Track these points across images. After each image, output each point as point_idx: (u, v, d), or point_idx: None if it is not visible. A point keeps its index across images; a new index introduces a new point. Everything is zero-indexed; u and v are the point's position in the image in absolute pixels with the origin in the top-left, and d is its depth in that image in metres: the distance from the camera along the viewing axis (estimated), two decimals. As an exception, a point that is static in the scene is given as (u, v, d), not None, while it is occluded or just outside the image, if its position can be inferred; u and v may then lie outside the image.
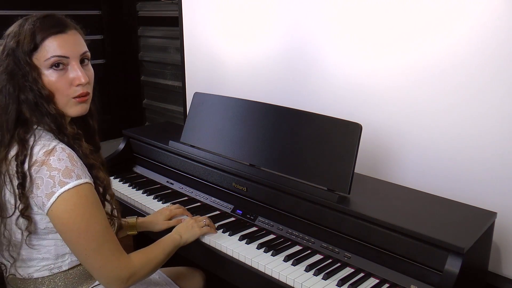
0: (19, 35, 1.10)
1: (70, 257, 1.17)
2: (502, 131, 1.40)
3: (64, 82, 1.11)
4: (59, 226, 1.09)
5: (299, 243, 1.43)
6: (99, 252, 1.10)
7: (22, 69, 1.09)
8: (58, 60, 1.10)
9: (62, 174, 1.05)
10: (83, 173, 1.09)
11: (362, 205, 1.34)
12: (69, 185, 1.05)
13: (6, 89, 1.10)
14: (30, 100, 1.09)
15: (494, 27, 1.38)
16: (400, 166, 1.66)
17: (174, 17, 2.70)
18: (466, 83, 1.46)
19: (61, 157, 1.06)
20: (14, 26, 1.13)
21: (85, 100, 1.16)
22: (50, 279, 1.17)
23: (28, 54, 1.09)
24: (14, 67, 1.09)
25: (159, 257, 1.25)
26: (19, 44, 1.09)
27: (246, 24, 2.11)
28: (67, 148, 1.09)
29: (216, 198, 1.71)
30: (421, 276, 1.21)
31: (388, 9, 1.60)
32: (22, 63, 1.09)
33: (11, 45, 1.10)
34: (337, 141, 1.40)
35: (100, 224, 1.11)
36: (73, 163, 1.08)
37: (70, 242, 1.10)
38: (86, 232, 1.08)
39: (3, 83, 1.10)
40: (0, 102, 1.11)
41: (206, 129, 1.76)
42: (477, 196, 1.45)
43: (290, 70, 1.96)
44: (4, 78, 1.10)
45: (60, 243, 1.14)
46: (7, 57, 1.10)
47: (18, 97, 1.10)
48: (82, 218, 1.07)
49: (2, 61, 1.11)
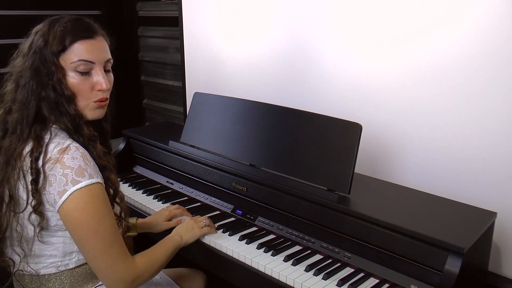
0: (48, 35, 1.12)
1: (78, 256, 1.17)
2: (502, 131, 1.40)
3: (86, 86, 1.14)
4: (69, 224, 1.09)
5: (299, 243, 1.43)
6: (107, 252, 1.11)
7: (48, 68, 1.11)
8: (83, 64, 1.13)
9: (75, 173, 1.07)
10: (95, 173, 1.10)
11: (362, 205, 1.34)
12: (81, 184, 1.07)
13: (30, 85, 1.12)
14: (51, 99, 1.11)
15: (495, 27, 1.38)
16: (400, 166, 1.66)
17: (174, 17, 2.70)
18: (466, 83, 1.46)
19: (75, 155, 1.08)
20: (44, 24, 1.15)
21: (103, 105, 1.19)
22: (56, 276, 1.17)
23: (56, 54, 1.11)
24: (39, 65, 1.11)
25: (162, 259, 1.25)
26: (47, 44, 1.11)
27: (246, 24, 2.11)
28: (81, 148, 1.11)
29: (216, 198, 1.71)
30: (421, 276, 1.21)
31: (388, 9, 1.60)
32: (48, 63, 1.11)
33: (39, 44, 1.12)
34: (337, 141, 1.40)
35: (110, 225, 1.11)
36: (86, 162, 1.09)
37: (79, 241, 1.11)
38: (96, 232, 1.09)
39: (26, 79, 1.12)
40: (22, 97, 1.13)
41: (206, 129, 1.76)
42: (477, 196, 1.45)
43: (290, 70, 1.96)
44: (29, 75, 1.12)
45: (68, 241, 1.14)
46: (34, 54, 1.12)
47: (40, 94, 1.12)
48: (93, 217, 1.08)
49: (28, 57, 1.13)
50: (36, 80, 1.11)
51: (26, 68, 1.13)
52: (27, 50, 1.14)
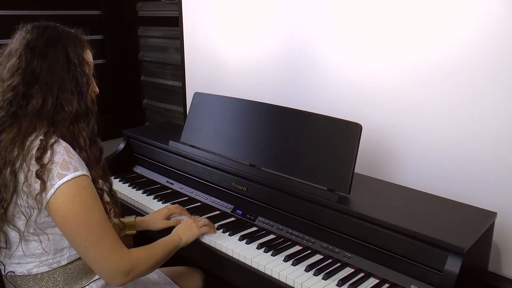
0: (68, 33, 1.17)
1: (69, 252, 1.17)
2: (502, 131, 1.40)
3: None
4: (58, 219, 1.09)
5: (299, 243, 1.43)
6: (99, 244, 1.11)
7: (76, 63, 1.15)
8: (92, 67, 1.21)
9: (60, 167, 1.06)
10: (80, 165, 1.10)
11: (362, 205, 1.34)
12: (67, 177, 1.06)
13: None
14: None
15: (495, 27, 1.38)
16: (400, 166, 1.66)
17: (174, 17, 2.70)
18: (466, 84, 1.46)
19: (58, 150, 1.08)
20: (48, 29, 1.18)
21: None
22: (49, 275, 1.17)
23: (79, 52, 1.16)
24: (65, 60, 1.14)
25: (159, 255, 1.25)
26: (69, 40, 1.15)
27: (246, 24, 2.11)
28: (63, 142, 1.11)
29: (216, 198, 1.71)
30: (421, 276, 1.21)
31: (389, 10, 1.60)
32: (75, 59, 1.15)
33: (60, 37, 1.15)
34: (337, 141, 1.40)
35: (99, 216, 1.11)
36: (70, 155, 1.09)
37: (69, 235, 1.11)
38: (86, 224, 1.09)
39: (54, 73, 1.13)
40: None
41: (206, 129, 1.76)
42: (477, 196, 1.45)
43: (290, 70, 1.96)
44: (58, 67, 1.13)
45: (58, 238, 1.14)
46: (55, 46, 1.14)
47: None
48: (82, 209, 1.08)
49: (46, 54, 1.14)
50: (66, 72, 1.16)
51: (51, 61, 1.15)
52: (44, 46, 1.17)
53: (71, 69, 1.13)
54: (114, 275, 1.14)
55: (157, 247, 1.27)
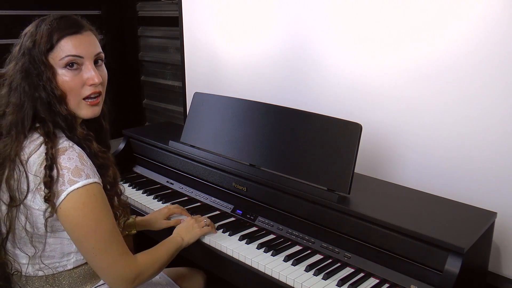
0: (36, 35, 1.11)
1: (76, 256, 1.17)
2: (502, 130, 1.40)
3: (77, 82, 1.13)
4: (67, 225, 1.09)
5: (299, 243, 1.43)
6: (107, 251, 1.10)
7: (37, 68, 1.10)
8: (72, 60, 1.11)
9: (72, 173, 1.06)
10: (92, 172, 1.10)
11: (362, 205, 1.34)
12: (78, 184, 1.06)
13: (21, 87, 1.11)
14: (44, 99, 1.10)
15: (493, 26, 1.38)
16: (400, 166, 1.66)
17: (174, 17, 2.70)
18: (466, 83, 1.46)
19: (71, 156, 1.08)
20: (31, 26, 1.14)
21: (97, 103, 1.17)
22: (54, 278, 1.17)
23: (44, 53, 1.10)
24: (29, 66, 1.10)
25: (163, 258, 1.25)
26: (35, 44, 1.10)
27: (246, 24, 2.11)
28: (77, 148, 1.11)
29: (216, 198, 1.71)
30: (421, 276, 1.21)
31: (388, 9, 1.60)
32: (37, 62, 1.10)
33: (28, 45, 1.11)
34: (337, 141, 1.40)
35: (109, 224, 1.11)
36: (82, 162, 1.09)
37: (78, 241, 1.11)
38: (95, 231, 1.09)
39: (18, 82, 1.12)
40: (16, 100, 1.12)
41: (206, 129, 1.76)
42: (477, 196, 1.45)
43: (290, 70, 1.96)
44: (19, 77, 1.11)
45: (66, 242, 1.14)
46: (23, 56, 1.12)
47: (33, 95, 1.11)
48: (92, 217, 1.08)
49: (18, 59, 1.12)
50: (28, 82, 1.10)
51: (17, 71, 1.12)
52: (17, 52, 1.13)
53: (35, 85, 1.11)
54: (120, 282, 1.14)
55: (161, 250, 1.27)
